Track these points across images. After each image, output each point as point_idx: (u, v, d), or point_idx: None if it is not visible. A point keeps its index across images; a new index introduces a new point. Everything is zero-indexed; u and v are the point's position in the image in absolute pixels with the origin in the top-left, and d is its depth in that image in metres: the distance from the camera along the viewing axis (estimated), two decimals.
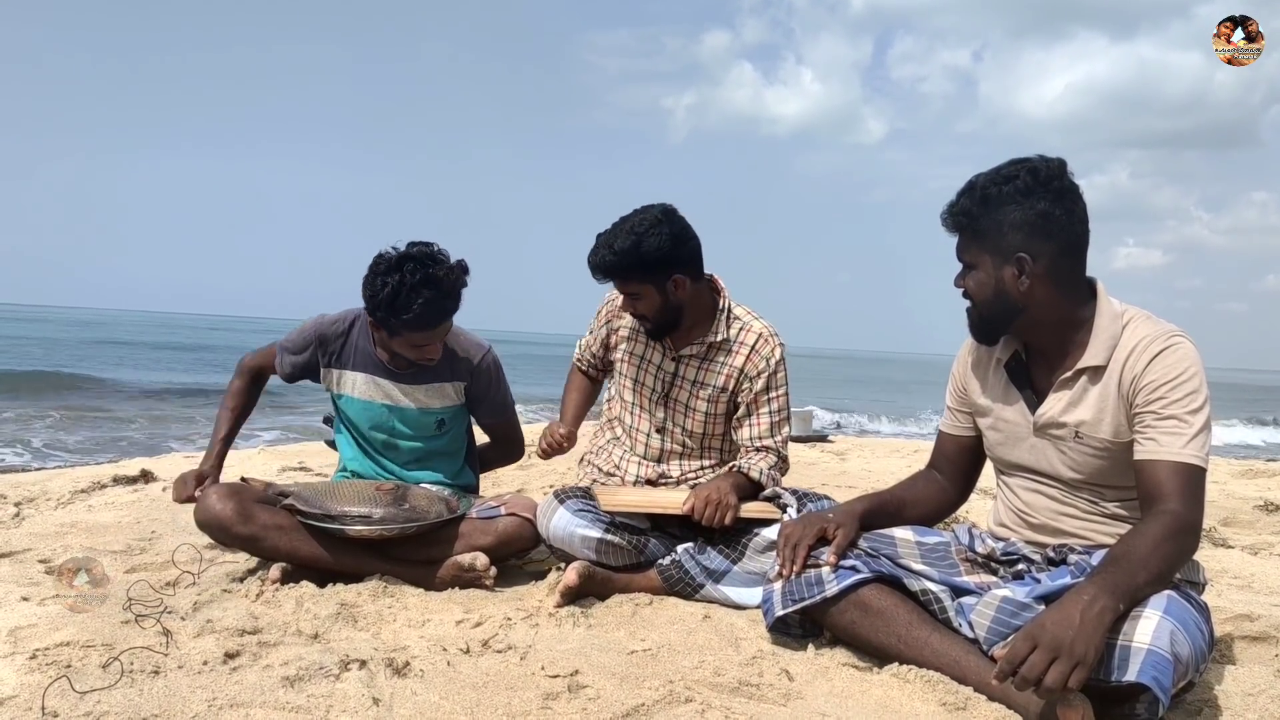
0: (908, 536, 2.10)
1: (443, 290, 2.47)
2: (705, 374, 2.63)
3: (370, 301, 2.50)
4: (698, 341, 2.62)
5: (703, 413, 2.65)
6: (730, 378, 2.62)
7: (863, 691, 1.83)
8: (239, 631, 1.95)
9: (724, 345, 2.63)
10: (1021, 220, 1.84)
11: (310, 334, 2.70)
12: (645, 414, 2.70)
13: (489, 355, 2.77)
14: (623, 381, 2.76)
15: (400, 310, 2.44)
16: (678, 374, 2.65)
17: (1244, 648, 2.20)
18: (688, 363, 2.64)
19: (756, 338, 2.62)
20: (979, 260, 1.92)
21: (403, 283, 2.42)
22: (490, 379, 2.77)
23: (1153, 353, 1.83)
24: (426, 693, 1.71)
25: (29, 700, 1.55)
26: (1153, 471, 1.77)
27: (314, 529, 2.43)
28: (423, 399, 2.70)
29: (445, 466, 2.81)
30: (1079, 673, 1.49)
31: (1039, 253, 1.85)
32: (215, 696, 1.61)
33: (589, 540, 2.43)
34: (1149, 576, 1.64)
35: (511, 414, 2.91)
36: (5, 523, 3.10)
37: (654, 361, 2.68)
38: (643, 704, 1.69)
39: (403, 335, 2.52)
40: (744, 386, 2.61)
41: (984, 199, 1.87)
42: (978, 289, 1.94)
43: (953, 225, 1.95)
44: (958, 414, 2.19)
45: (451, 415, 2.77)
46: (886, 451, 6.99)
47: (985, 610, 1.81)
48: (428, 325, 2.49)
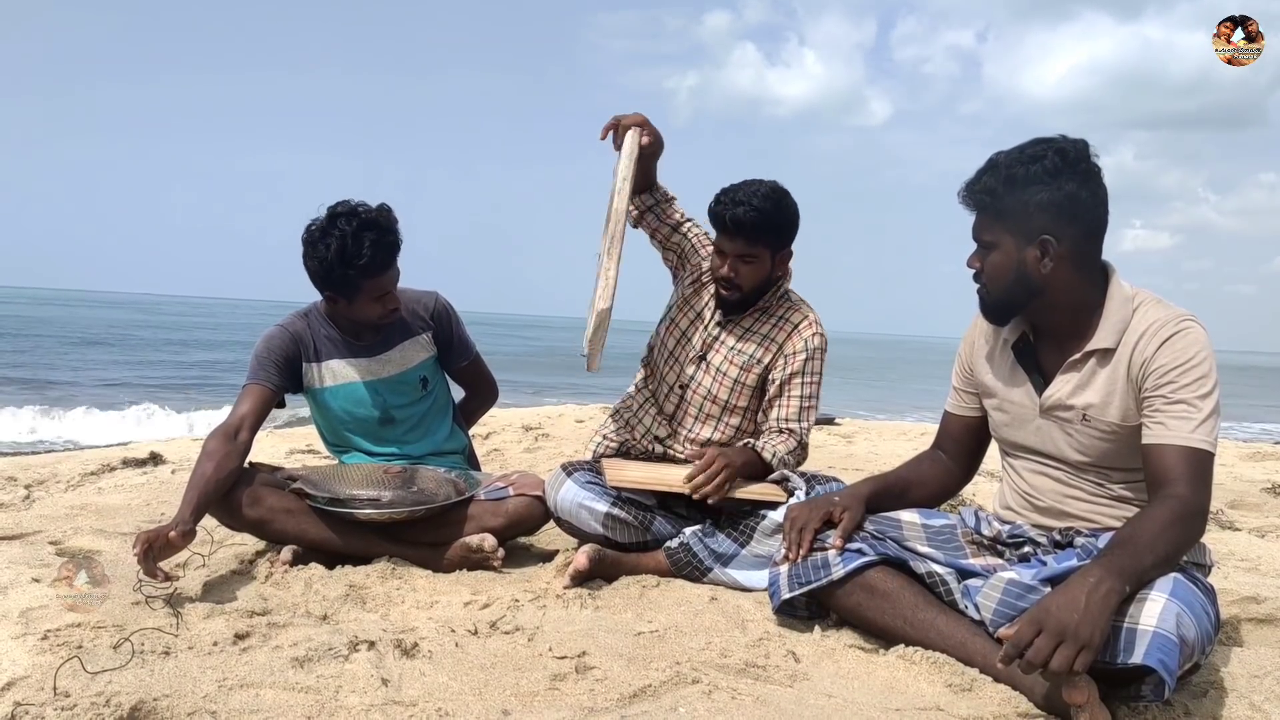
0: (914, 519, 2.10)
1: (383, 227, 2.50)
2: (745, 341, 2.61)
3: (320, 269, 2.50)
4: (750, 311, 2.62)
5: (732, 378, 2.60)
6: (768, 351, 2.59)
7: (869, 673, 1.83)
8: (249, 613, 1.97)
9: (769, 318, 2.61)
10: (1048, 201, 1.81)
11: (279, 338, 2.63)
12: (677, 366, 2.67)
13: (440, 298, 2.82)
14: (670, 328, 2.71)
15: (353, 259, 2.45)
16: (719, 338, 2.63)
17: (1251, 630, 2.20)
18: (731, 328, 2.63)
19: (802, 320, 2.61)
20: (1000, 240, 1.88)
21: (344, 234, 2.46)
22: (448, 318, 2.82)
23: (1163, 337, 1.82)
24: (435, 673, 1.72)
25: (41, 680, 1.57)
26: (1161, 455, 1.77)
27: (322, 512, 2.44)
28: (400, 361, 2.71)
29: (438, 429, 2.82)
30: (1085, 655, 1.49)
31: (1064, 235, 1.83)
32: (225, 677, 1.63)
33: (596, 513, 2.43)
34: (1155, 559, 1.64)
35: (476, 352, 2.95)
36: (15, 505, 3.12)
37: (704, 319, 2.66)
38: (649, 685, 1.70)
39: (362, 290, 2.52)
40: (779, 363, 2.58)
41: (1010, 178, 1.83)
42: (996, 269, 1.91)
43: (974, 204, 1.91)
44: (963, 394, 2.18)
45: (431, 370, 2.79)
46: (894, 434, 6.99)
47: (991, 593, 1.81)
48: (384, 266, 2.51)
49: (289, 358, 2.63)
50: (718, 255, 2.55)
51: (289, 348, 2.63)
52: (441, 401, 2.87)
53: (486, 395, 3.07)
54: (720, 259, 2.54)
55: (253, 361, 2.59)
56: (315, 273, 2.53)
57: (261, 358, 2.59)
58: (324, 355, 2.68)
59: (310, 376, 2.68)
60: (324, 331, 2.68)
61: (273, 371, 2.58)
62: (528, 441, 5.17)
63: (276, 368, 2.59)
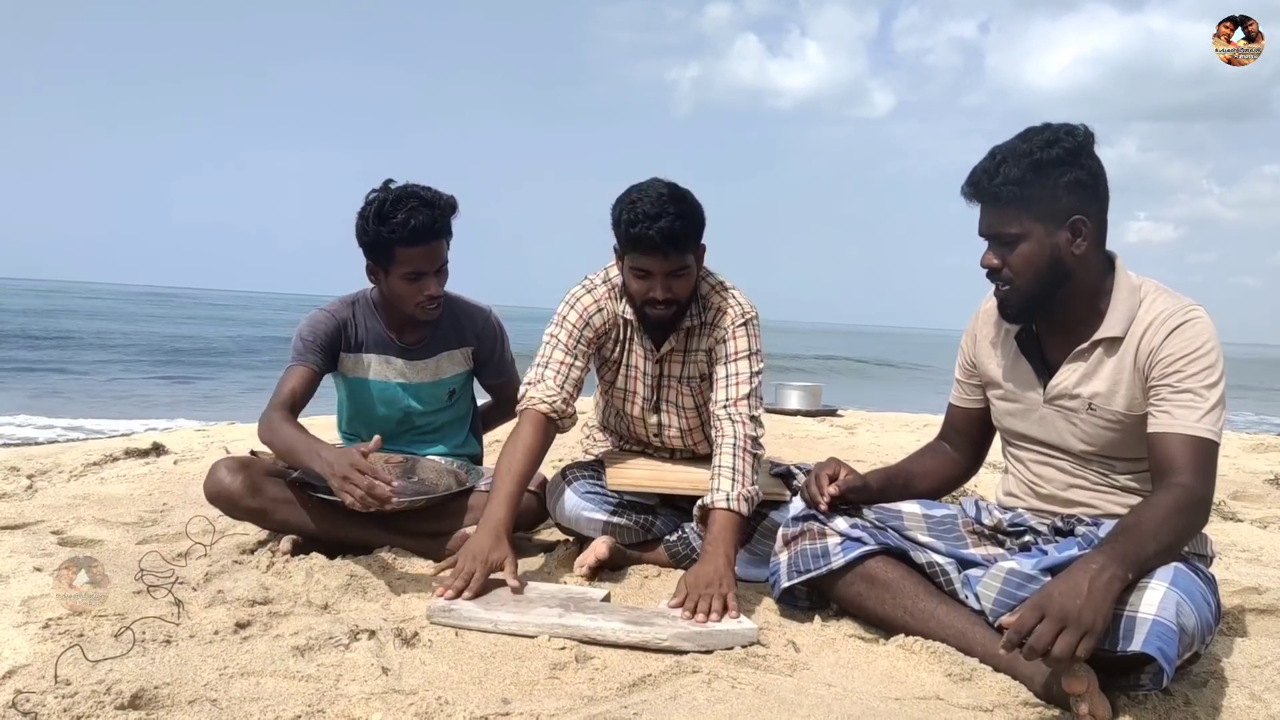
0: (915, 509, 2.10)
1: (425, 200, 2.48)
2: (688, 366, 2.47)
3: (360, 224, 2.50)
4: (675, 332, 2.43)
5: (693, 409, 2.52)
6: (710, 364, 2.45)
7: (869, 662, 1.83)
8: (250, 602, 1.97)
9: (699, 328, 2.44)
10: (1074, 182, 1.80)
11: (325, 323, 2.62)
12: (640, 423, 2.57)
13: (492, 316, 2.79)
14: (615, 394, 2.57)
15: (387, 218, 2.44)
16: (663, 374, 2.50)
17: (1252, 620, 2.20)
18: (670, 359, 2.48)
19: (722, 302, 2.43)
20: (1029, 230, 1.83)
21: (386, 196, 2.47)
22: (496, 339, 2.80)
23: (1171, 326, 1.82)
24: (435, 662, 1.73)
25: (42, 669, 1.57)
26: (1165, 444, 1.77)
27: (323, 502, 2.44)
28: (435, 370, 2.70)
29: (453, 436, 2.83)
30: (1087, 641, 1.49)
31: (1092, 214, 1.83)
32: (226, 665, 1.63)
33: (595, 523, 2.44)
34: (1158, 548, 1.64)
35: (514, 373, 2.90)
36: (18, 495, 3.13)
37: (639, 368, 2.50)
38: (649, 674, 1.70)
39: (396, 259, 2.49)
40: (718, 350, 2.41)
41: (1035, 165, 1.80)
42: (1026, 261, 1.85)
43: (995, 197, 1.85)
44: (966, 386, 2.18)
45: (461, 384, 2.79)
46: (896, 426, 6.97)
47: (992, 582, 1.81)
48: (418, 236, 2.46)
49: (332, 342, 2.63)
50: (640, 279, 2.29)
51: (333, 333, 2.63)
52: (462, 412, 2.86)
53: (510, 412, 3.03)
54: (646, 282, 2.28)
55: (297, 342, 2.60)
56: (359, 233, 2.53)
57: (308, 341, 2.59)
58: (364, 347, 2.67)
59: (345, 364, 2.69)
60: (368, 323, 2.67)
61: (319, 356, 2.59)
62: None
63: (321, 350, 2.60)
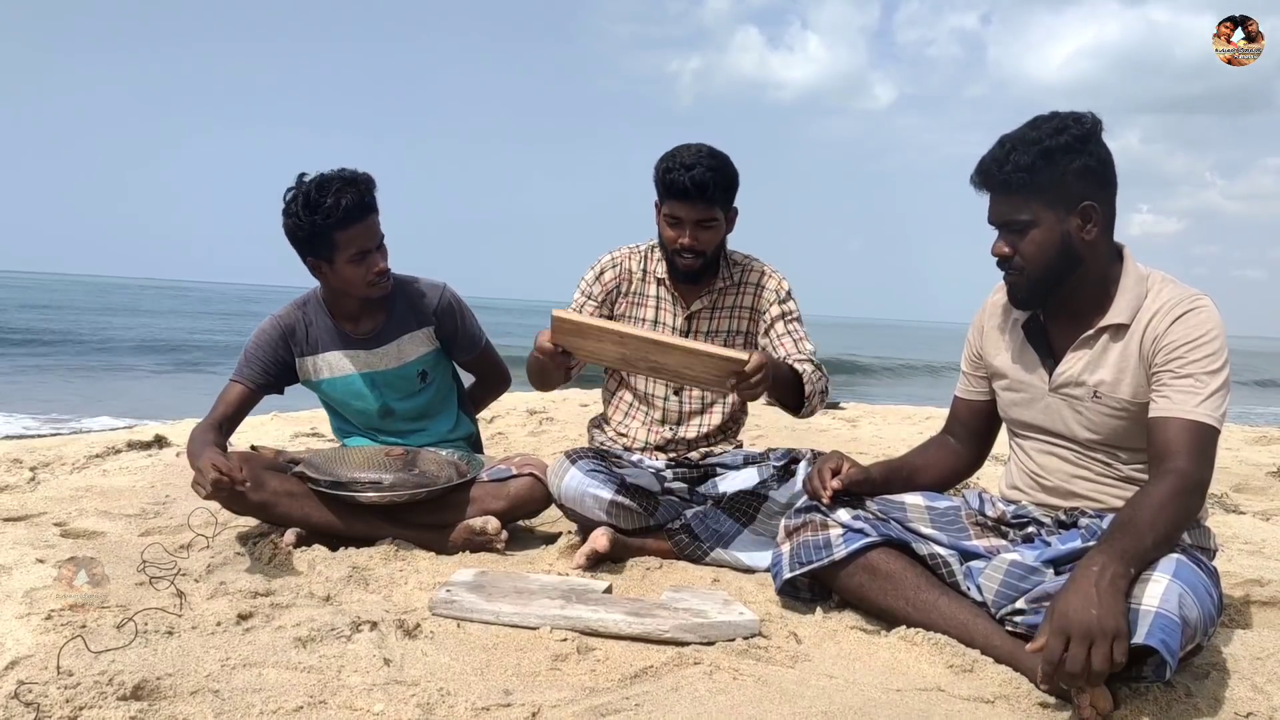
0: (917, 501, 2.09)
1: (347, 180, 2.46)
2: (718, 322, 2.61)
3: (292, 226, 2.48)
4: (705, 292, 2.59)
5: None
6: (743, 319, 2.61)
7: (870, 654, 1.83)
8: (252, 593, 1.97)
9: (730, 289, 2.60)
10: (1084, 168, 1.81)
11: (269, 334, 2.64)
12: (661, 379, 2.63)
13: (446, 291, 2.76)
14: None
15: (317, 206, 2.42)
16: (691, 330, 2.61)
17: (1254, 612, 2.20)
18: (699, 317, 2.61)
19: (761, 275, 2.62)
20: (1040, 216, 1.85)
21: (309, 187, 2.45)
22: (454, 313, 2.76)
23: (1176, 314, 1.82)
24: (437, 654, 1.73)
25: (44, 660, 1.57)
26: (1164, 428, 1.77)
27: (325, 495, 2.45)
28: (397, 355, 2.68)
29: (442, 419, 2.82)
30: (1119, 645, 1.49)
31: (1101, 200, 1.84)
32: (228, 656, 1.63)
33: (601, 501, 2.42)
34: (1156, 539, 1.64)
35: (486, 344, 2.89)
36: (21, 487, 3.13)
37: (665, 323, 2.62)
38: (651, 665, 1.70)
39: (338, 246, 2.47)
40: (760, 325, 2.59)
41: (1045, 152, 1.81)
42: (1038, 247, 1.86)
43: (1005, 185, 1.86)
44: (972, 378, 2.18)
45: (431, 363, 2.75)
46: (898, 418, 6.97)
47: (994, 574, 1.81)
48: (353, 216, 2.45)
49: (277, 356, 2.64)
50: (672, 226, 2.48)
51: (278, 344, 2.64)
52: (444, 392, 2.84)
53: (496, 383, 3.02)
54: (677, 229, 2.47)
55: (241, 356, 2.62)
56: (291, 232, 2.51)
57: (250, 354, 2.62)
58: (320, 347, 2.67)
59: (305, 370, 2.68)
60: (321, 321, 2.67)
61: (257, 370, 2.62)
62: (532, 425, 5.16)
63: (262, 366, 2.62)
